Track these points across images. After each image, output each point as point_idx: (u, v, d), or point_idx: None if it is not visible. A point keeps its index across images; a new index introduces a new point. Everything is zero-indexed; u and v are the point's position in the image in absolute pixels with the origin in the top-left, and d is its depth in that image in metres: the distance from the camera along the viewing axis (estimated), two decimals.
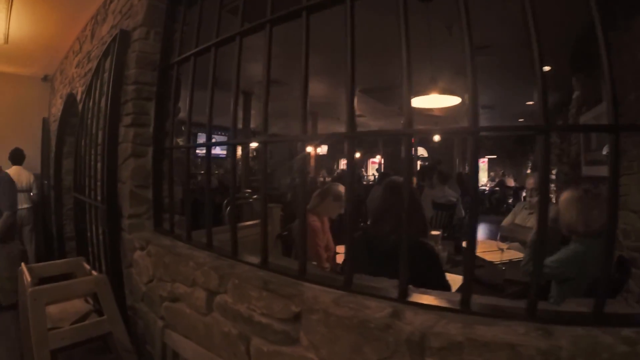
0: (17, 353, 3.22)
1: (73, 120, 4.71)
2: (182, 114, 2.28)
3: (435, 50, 4.17)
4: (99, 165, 2.55)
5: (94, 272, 2.18)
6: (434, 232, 3.03)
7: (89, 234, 2.84)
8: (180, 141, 2.59)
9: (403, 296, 1.25)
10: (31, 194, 5.58)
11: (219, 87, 2.13)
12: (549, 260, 2.00)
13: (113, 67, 2.41)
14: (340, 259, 3.17)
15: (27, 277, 1.98)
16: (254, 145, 5.31)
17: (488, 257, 3.15)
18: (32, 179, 5.55)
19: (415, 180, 4.61)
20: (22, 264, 2.21)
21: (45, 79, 6.38)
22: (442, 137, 10.36)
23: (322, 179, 12.47)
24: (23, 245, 5.49)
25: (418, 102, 3.89)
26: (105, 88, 2.63)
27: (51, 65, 5.83)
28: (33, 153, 5.76)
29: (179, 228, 2.21)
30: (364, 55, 1.74)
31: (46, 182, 5.59)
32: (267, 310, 1.39)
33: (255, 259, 1.66)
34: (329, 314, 1.22)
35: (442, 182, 5.82)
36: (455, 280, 2.41)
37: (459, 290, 2.31)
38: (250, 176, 7.77)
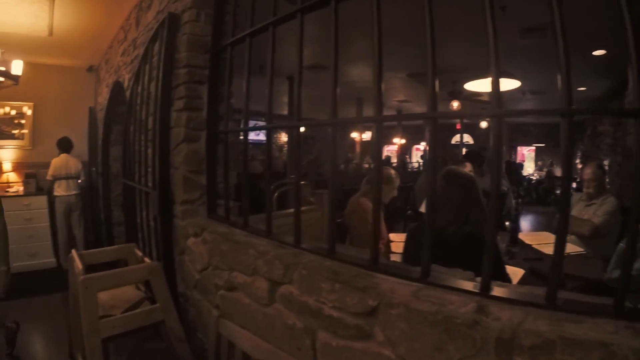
0: (65, 335, 3.30)
1: (120, 108, 4.76)
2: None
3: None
4: (149, 150, 2.52)
5: (146, 259, 2.13)
6: None
7: (138, 220, 2.82)
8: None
9: (485, 290, 1.14)
10: (79, 180, 5.73)
11: (262, 72, 2.08)
12: (636, 269, 1.84)
13: (163, 50, 2.36)
14: (394, 247, 3.07)
15: (78, 264, 1.95)
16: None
17: (545, 249, 2.98)
18: (80, 166, 5.69)
19: (469, 167, 4.44)
20: (73, 250, 2.18)
21: (90, 69, 6.49)
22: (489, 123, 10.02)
23: (367, 165, 12.48)
24: (71, 231, 5.67)
25: (473, 85, 3.72)
26: (154, 73, 2.59)
27: (95, 55, 5.92)
28: (80, 141, 5.89)
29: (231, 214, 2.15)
30: (410, 38, 1.63)
31: (94, 169, 5.71)
32: (339, 304, 1.29)
33: (320, 248, 1.56)
34: (410, 309, 1.11)
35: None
36: (515, 273, 2.31)
37: (521, 282, 2.20)
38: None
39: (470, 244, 1.76)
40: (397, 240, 3.13)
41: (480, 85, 3.72)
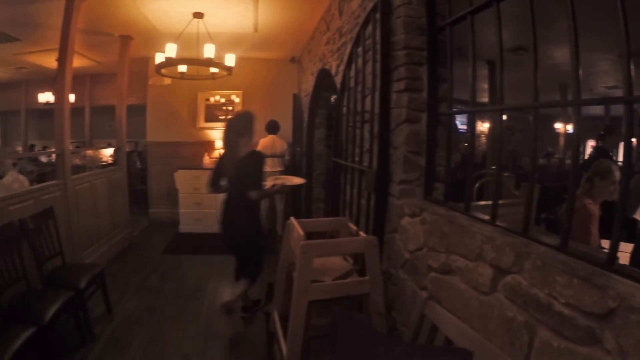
0: (263, 291, 3.71)
1: (324, 93, 5.10)
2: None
3: None
4: (364, 131, 2.65)
5: (362, 233, 2.25)
6: None
7: (348, 197, 2.99)
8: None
9: None
10: (286, 158, 6.36)
11: (463, 58, 1.99)
12: None
13: (380, 34, 2.43)
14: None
15: (300, 230, 2.10)
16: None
17: None
18: (285, 146, 6.25)
19: None
20: (292, 218, 2.36)
21: (292, 60, 7.11)
22: None
23: (569, 161, 11.13)
24: (274, 204, 6.30)
25: None
26: (368, 55, 2.68)
27: (297, 47, 6.42)
28: (285, 124, 6.50)
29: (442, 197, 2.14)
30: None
31: (298, 149, 6.21)
32: (573, 301, 1.17)
33: (551, 240, 1.44)
34: None
35: None
36: None
37: None
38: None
39: None
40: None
41: None
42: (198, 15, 4.68)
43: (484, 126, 12.32)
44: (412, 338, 1.95)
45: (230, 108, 7.34)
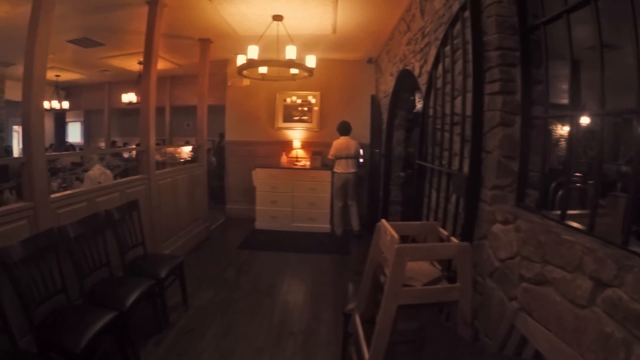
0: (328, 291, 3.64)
1: (404, 95, 5.05)
2: None
3: None
4: (453, 134, 2.58)
5: (453, 239, 2.19)
6: None
7: (433, 201, 2.93)
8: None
9: None
10: (360, 160, 6.37)
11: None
12: None
13: (472, 34, 2.36)
14: None
15: (394, 233, 2.07)
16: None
17: None
18: (359, 147, 6.29)
19: None
20: (382, 220, 2.33)
21: (369, 61, 7.10)
22: None
23: None
24: (346, 205, 6.35)
25: None
26: (457, 56, 2.63)
27: (374, 48, 6.41)
28: (362, 126, 6.53)
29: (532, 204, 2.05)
30: None
31: (377, 151, 6.19)
32: None
33: None
34: None
35: None
36: None
37: None
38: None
39: None
40: None
41: None
42: (277, 17, 4.80)
43: (563, 129, 11.59)
44: (498, 349, 1.90)
45: (305, 109, 7.46)
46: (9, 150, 10.09)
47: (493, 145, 2.18)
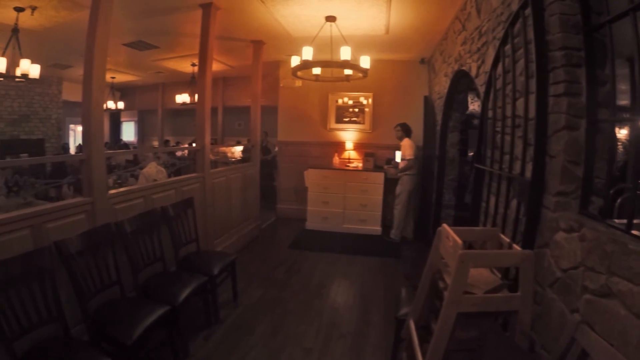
0: (389, 294, 3.59)
1: (459, 96, 4.93)
2: None
3: None
4: (514, 137, 2.50)
5: (515, 246, 2.11)
6: None
7: (491, 206, 2.85)
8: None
9: None
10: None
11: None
12: None
13: (534, 33, 2.27)
14: None
15: (457, 239, 2.02)
16: None
17: None
18: (417, 150, 6.18)
19: None
20: (444, 224, 2.28)
21: (422, 61, 7.00)
22: None
23: None
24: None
25: None
26: (517, 55, 2.55)
27: (427, 48, 6.32)
28: (416, 127, 6.43)
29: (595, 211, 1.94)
30: None
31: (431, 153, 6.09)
32: None
33: None
34: None
35: None
36: None
37: None
38: None
39: None
40: None
41: None
42: (331, 18, 4.82)
43: (621, 133, 10.95)
44: None
45: (357, 110, 7.45)
46: (66, 147, 10.74)
47: (557, 150, 2.08)
